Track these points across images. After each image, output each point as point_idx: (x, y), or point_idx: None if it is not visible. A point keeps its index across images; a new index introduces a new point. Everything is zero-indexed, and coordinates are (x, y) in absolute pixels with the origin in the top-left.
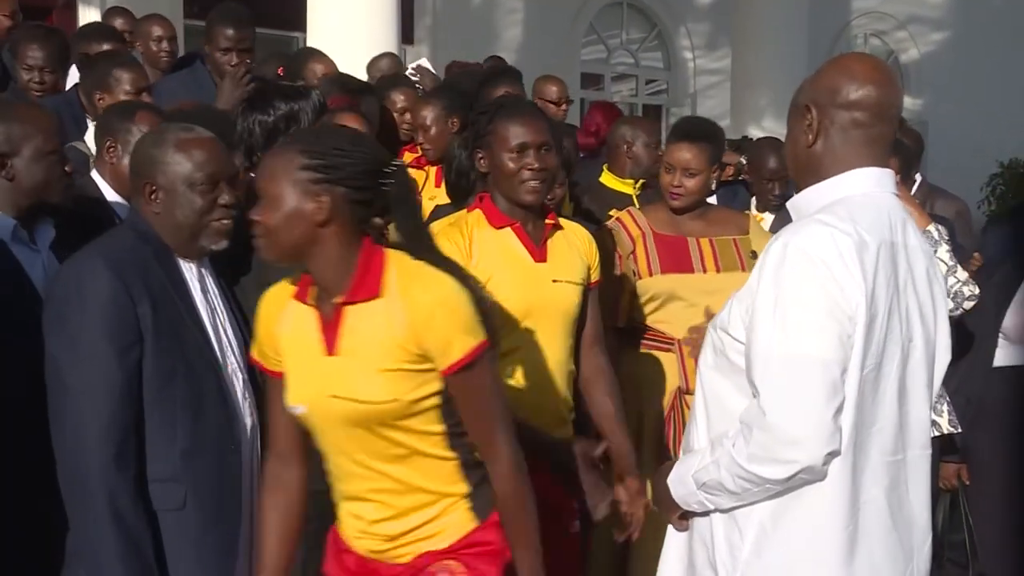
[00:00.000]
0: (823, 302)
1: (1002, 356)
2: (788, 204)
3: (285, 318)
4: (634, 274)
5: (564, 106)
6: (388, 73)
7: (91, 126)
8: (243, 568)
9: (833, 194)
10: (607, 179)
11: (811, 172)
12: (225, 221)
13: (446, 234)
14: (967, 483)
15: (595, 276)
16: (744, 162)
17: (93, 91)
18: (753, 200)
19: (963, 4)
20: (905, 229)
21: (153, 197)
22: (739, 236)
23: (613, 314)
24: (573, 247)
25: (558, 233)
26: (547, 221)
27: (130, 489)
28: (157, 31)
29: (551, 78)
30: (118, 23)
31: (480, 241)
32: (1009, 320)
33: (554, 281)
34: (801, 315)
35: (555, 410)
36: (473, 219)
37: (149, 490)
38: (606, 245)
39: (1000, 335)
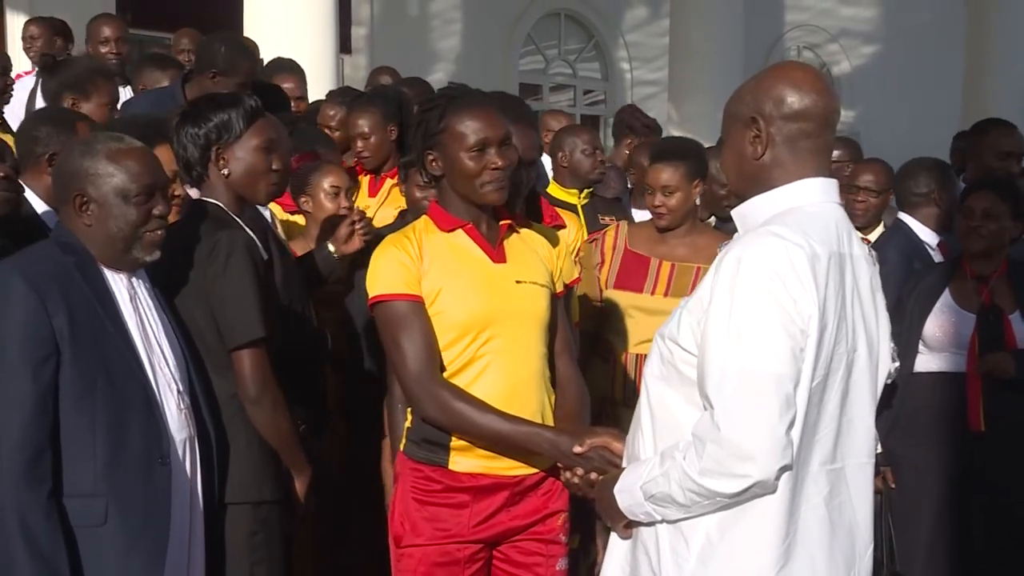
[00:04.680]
0: (778, 316)
1: (921, 362)
2: (733, 212)
3: None
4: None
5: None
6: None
7: None
8: None
9: (782, 204)
10: (554, 189)
11: (758, 184)
12: (159, 232)
13: (396, 242)
14: (892, 486)
15: (560, 284)
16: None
17: (65, 93)
18: None
19: (891, 18)
20: (851, 239)
21: (84, 209)
22: (707, 264)
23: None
24: (532, 250)
25: (514, 236)
26: (502, 222)
27: (43, 505)
28: (106, 32)
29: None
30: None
31: (431, 247)
32: (928, 328)
33: (517, 282)
34: (756, 329)
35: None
36: (421, 225)
37: (67, 505)
38: (582, 257)
39: (920, 342)
